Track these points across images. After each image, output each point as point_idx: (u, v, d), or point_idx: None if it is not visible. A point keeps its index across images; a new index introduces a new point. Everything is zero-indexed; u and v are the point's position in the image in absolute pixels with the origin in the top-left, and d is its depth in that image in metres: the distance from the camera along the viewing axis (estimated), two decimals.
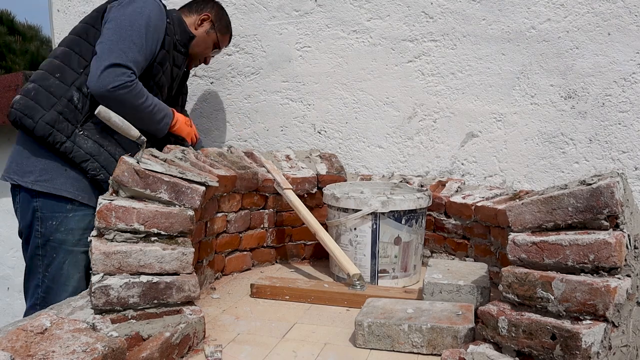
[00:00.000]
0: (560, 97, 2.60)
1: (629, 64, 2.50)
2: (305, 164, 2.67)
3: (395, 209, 2.19)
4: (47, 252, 2.19)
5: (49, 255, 2.18)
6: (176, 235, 1.70)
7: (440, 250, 2.51)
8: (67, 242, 2.20)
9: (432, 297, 1.91)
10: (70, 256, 2.21)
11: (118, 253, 1.59)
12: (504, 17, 2.64)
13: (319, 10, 2.88)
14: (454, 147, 2.76)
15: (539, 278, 1.42)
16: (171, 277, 1.64)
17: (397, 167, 2.84)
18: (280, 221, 2.55)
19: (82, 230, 2.22)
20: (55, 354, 1.21)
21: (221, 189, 2.18)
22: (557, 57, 2.59)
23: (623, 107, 2.53)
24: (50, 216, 2.19)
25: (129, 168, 1.70)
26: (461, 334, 1.61)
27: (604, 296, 1.32)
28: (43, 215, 2.19)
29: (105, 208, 1.64)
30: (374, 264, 2.23)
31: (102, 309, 1.56)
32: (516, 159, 2.67)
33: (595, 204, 1.41)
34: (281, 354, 1.63)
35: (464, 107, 2.73)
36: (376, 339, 1.66)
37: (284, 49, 2.95)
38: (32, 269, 2.23)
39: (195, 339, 1.64)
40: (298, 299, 2.07)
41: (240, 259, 2.41)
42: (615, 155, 2.55)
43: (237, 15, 2.98)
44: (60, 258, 2.18)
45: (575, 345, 1.32)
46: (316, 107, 2.93)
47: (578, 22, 2.55)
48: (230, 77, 3.02)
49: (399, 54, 2.80)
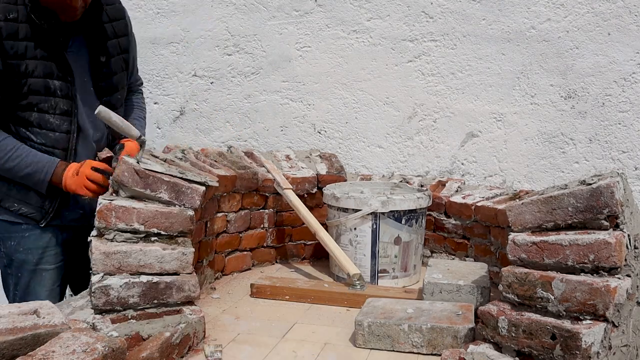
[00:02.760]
0: (560, 97, 2.60)
1: (629, 64, 2.50)
2: (305, 164, 2.67)
3: (395, 208, 2.19)
4: (14, 271, 2.03)
5: (15, 274, 2.02)
6: (176, 235, 1.70)
7: (440, 250, 2.51)
8: (28, 262, 2.03)
9: (432, 297, 1.91)
10: (34, 275, 2.04)
11: (118, 253, 1.59)
12: (504, 17, 2.64)
13: (319, 10, 2.88)
14: (454, 147, 2.76)
15: (539, 278, 1.42)
16: (171, 277, 1.64)
17: (397, 167, 2.84)
18: (280, 221, 2.55)
19: (41, 249, 2.03)
20: (55, 354, 1.22)
21: (221, 189, 2.18)
22: (557, 57, 2.59)
23: (623, 107, 2.52)
24: (9, 237, 2.02)
25: (129, 168, 1.70)
26: (461, 334, 1.61)
27: (604, 296, 1.32)
28: (2, 236, 2.03)
29: (105, 208, 1.64)
30: (374, 263, 2.23)
31: (102, 309, 1.56)
32: (516, 158, 2.67)
33: (595, 204, 1.41)
34: (281, 354, 1.63)
35: (464, 107, 2.73)
36: (376, 338, 1.66)
37: (284, 49, 2.95)
38: (6, 285, 2.12)
39: (195, 339, 1.64)
40: (298, 299, 2.07)
41: (240, 259, 2.41)
42: (615, 155, 2.54)
43: (237, 15, 2.98)
44: (25, 277, 2.04)
45: (575, 345, 1.32)
46: (316, 107, 2.93)
47: (578, 22, 2.55)
48: (230, 77, 3.02)
49: (399, 54, 2.80)
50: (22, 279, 2.05)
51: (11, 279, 2.08)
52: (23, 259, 2.03)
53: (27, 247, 2.02)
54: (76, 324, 1.45)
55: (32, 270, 2.04)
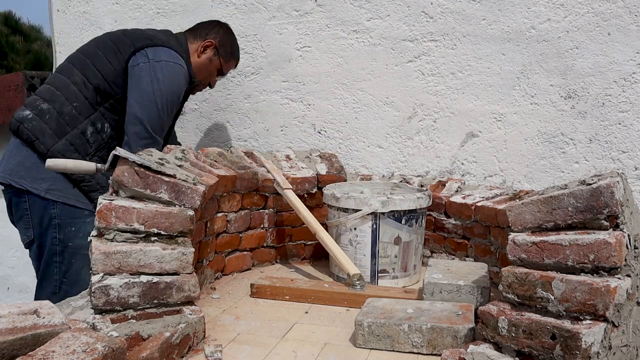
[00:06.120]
0: (560, 97, 2.60)
1: (629, 64, 2.50)
2: (305, 164, 2.67)
3: (395, 209, 2.19)
4: (65, 259, 2.18)
5: (67, 261, 2.18)
6: (176, 235, 1.70)
7: (440, 250, 2.51)
8: (85, 247, 2.16)
9: (432, 297, 1.91)
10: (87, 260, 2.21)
11: (118, 253, 1.59)
12: (504, 17, 2.64)
13: (319, 10, 2.88)
14: (454, 147, 2.76)
15: (539, 278, 1.42)
16: (171, 277, 1.64)
17: (397, 167, 2.84)
18: (280, 221, 2.55)
19: None
20: (55, 354, 1.21)
21: (221, 189, 2.18)
22: (557, 57, 2.59)
23: (623, 107, 2.52)
24: (70, 222, 2.20)
25: (129, 168, 1.70)
26: (461, 334, 1.61)
27: (604, 296, 1.32)
28: (62, 222, 2.20)
29: (105, 208, 1.64)
30: (374, 264, 2.23)
31: (102, 308, 1.56)
32: (516, 159, 2.67)
33: (595, 204, 1.41)
34: (281, 354, 1.63)
35: (464, 107, 2.73)
36: (376, 339, 1.66)
37: (284, 49, 2.95)
38: (47, 276, 2.21)
39: (195, 339, 1.64)
40: (298, 299, 2.07)
41: (240, 259, 2.41)
42: (615, 155, 2.54)
43: (237, 15, 2.98)
44: (78, 263, 2.19)
45: (575, 345, 1.32)
46: (316, 107, 2.93)
47: (578, 22, 2.55)
48: (230, 77, 3.02)
49: (399, 54, 2.80)
50: (74, 265, 2.18)
51: (59, 266, 2.17)
52: (81, 244, 2.17)
53: (88, 232, 2.13)
54: (76, 324, 1.45)
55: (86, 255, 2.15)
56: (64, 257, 2.19)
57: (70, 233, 2.20)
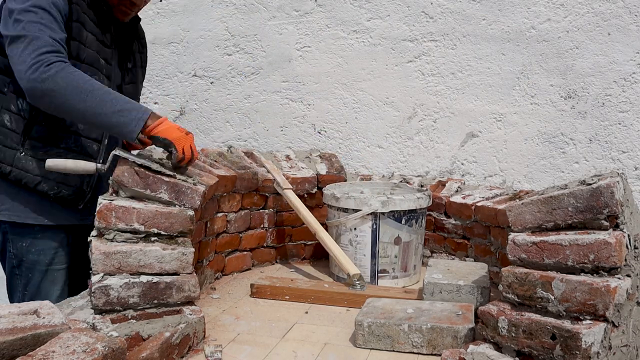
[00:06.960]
0: (560, 97, 2.60)
1: (629, 64, 2.50)
2: (305, 164, 2.67)
3: (395, 209, 2.19)
4: (23, 272, 2.06)
5: (25, 275, 2.06)
6: (176, 235, 1.70)
7: (440, 250, 2.51)
8: (40, 263, 2.05)
9: (432, 297, 1.91)
10: (46, 275, 2.06)
11: (118, 253, 1.59)
12: (504, 17, 2.64)
13: (319, 10, 2.88)
14: (454, 147, 2.76)
15: (539, 278, 1.42)
16: (171, 277, 1.64)
17: (397, 167, 2.84)
18: (280, 221, 2.55)
19: (53, 249, 2.04)
20: (55, 354, 1.21)
21: (221, 189, 2.18)
22: (557, 57, 2.59)
23: (623, 107, 2.53)
24: (20, 239, 2.04)
25: (129, 168, 1.70)
26: (461, 334, 1.61)
27: (604, 296, 1.32)
28: (13, 238, 2.04)
29: (105, 208, 1.64)
30: (374, 264, 2.23)
31: (102, 309, 1.56)
32: (516, 159, 2.67)
33: (595, 204, 1.41)
34: (281, 354, 1.63)
35: (464, 107, 2.73)
36: (376, 339, 1.66)
37: (284, 49, 2.95)
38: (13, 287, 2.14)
39: (195, 339, 1.64)
40: (298, 299, 2.07)
41: (240, 259, 2.41)
42: (615, 155, 2.54)
43: (237, 15, 2.98)
44: (36, 278, 2.06)
45: (575, 345, 1.32)
46: (316, 107, 2.93)
47: (578, 22, 2.55)
48: (230, 77, 3.02)
49: (399, 54, 2.80)
50: (33, 279, 2.06)
51: (20, 280, 2.09)
52: (35, 259, 2.04)
53: (40, 249, 2.03)
54: (76, 324, 1.45)
55: (44, 271, 2.05)
56: (22, 271, 2.09)
57: (22, 249, 2.04)
